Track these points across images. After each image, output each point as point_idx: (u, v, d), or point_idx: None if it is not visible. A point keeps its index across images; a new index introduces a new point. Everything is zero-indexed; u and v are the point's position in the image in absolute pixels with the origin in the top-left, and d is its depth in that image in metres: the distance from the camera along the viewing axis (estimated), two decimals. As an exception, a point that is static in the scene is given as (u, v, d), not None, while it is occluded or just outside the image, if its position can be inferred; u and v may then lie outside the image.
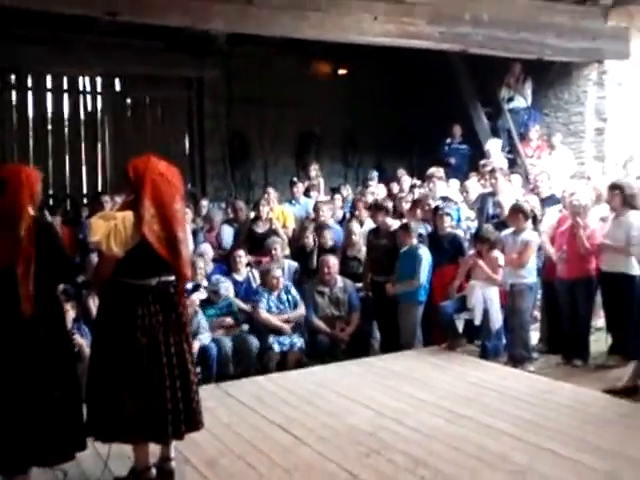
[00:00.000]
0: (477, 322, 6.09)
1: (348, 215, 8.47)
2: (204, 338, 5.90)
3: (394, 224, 6.89)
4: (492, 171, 7.74)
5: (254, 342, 6.21)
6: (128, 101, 10.95)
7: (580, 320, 5.86)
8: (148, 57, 10.02)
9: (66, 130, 10.54)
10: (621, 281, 5.58)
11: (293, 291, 6.62)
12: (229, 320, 6.39)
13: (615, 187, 5.78)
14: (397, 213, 7.92)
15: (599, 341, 6.06)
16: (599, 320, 6.32)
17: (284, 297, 6.53)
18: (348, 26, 7.47)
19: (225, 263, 7.29)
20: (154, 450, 3.63)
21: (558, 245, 6.03)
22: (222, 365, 6.00)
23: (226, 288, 6.50)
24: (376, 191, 8.92)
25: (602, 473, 3.64)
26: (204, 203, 9.01)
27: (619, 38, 9.21)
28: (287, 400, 4.97)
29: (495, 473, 3.68)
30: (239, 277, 6.88)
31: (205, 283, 6.65)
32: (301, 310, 6.55)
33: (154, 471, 3.60)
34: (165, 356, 3.47)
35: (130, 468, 3.62)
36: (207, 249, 7.23)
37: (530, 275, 5.99)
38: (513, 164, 9.54)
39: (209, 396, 4.61)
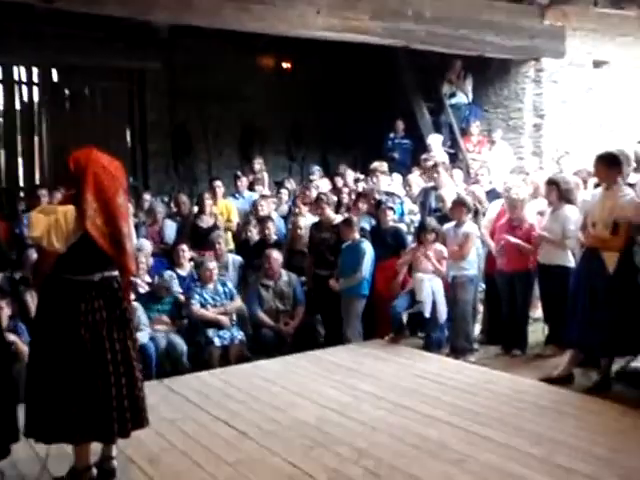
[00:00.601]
0: (427, 314, 6.15)
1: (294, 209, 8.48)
2: (142, 336, 5.76)
3: (337, 218, 6.92)
4: (434, 166, 7.86)
5: (180, 343, 6.07)
6: (66, 92, 10.65)
7: (519, 311, 6.02)
8: (87, 47, 9.73)
9: (1, 120, 10.20)
10: (557, 273, 5.74)
11: (229, 284, 6.58)
12: (165, 319, 6.30)
13: (551, 182, 5.94)
14: (344, 206, 7.97)
15: (537, 331, 6.25)
16: (537, 311, 6.51)
17: (220, 289, 6.47)
18: (291, 20, 7.46)
19: (167, 258, 7.20)
20: (95, 448, 3.56)
21: (497, 238, 6.18)
22: (160, 364, 5.90)
23: (177, 284, 6.45)
24: (320, 185, 8.95)
25: (538, 458, 3.75)
26: (146, 197, 8.85)
27: (555, 37, 9.48)
28: (232, 395, 4.96)
29: (436, 461, 3.75)
30: (182, 272, 6.80)
31: (147, 278, 6.56)
32: (237, 302, 6.53)
33: (95, 471, 3.53)
34: (110, 353, 3.40)
35: (69, 468, 3.52)
36: (145, 244, 7.05)
37: (471, 267, 6.12)
38: (454, 159, 9.70)
39: (152, 392, 4.52)
